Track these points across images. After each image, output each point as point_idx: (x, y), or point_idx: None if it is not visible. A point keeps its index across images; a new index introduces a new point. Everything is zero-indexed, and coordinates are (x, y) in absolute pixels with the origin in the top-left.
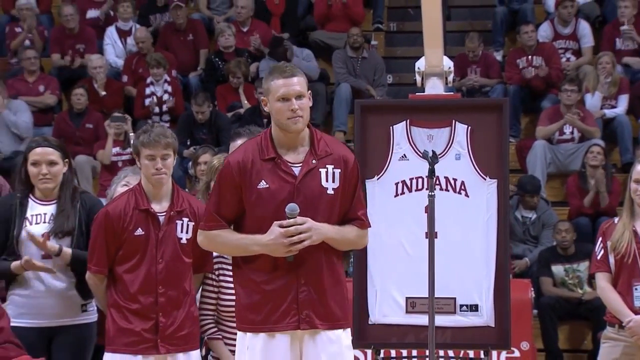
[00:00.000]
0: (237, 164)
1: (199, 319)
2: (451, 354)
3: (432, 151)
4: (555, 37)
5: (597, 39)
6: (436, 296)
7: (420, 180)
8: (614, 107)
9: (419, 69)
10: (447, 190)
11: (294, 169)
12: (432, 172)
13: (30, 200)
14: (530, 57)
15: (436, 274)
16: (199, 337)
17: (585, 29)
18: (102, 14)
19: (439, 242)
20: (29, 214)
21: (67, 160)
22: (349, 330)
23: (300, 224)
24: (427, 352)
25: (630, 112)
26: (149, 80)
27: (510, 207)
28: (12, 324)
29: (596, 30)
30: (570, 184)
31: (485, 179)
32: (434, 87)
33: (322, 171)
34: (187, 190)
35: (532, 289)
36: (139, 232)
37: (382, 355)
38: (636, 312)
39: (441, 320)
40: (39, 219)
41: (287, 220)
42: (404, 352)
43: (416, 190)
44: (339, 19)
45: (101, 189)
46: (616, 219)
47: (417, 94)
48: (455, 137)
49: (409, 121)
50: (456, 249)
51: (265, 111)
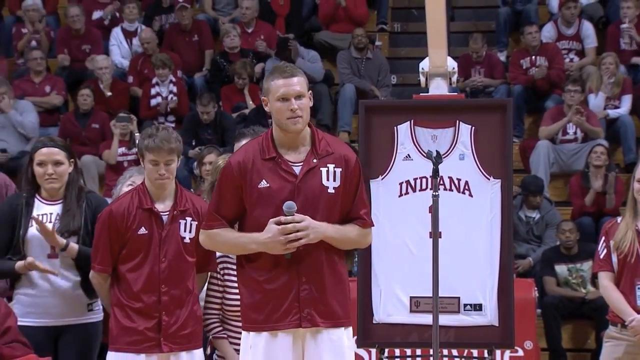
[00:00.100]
0: (238, 164)
1: (204, 318)
2: (455, 353)
3: (436, 151)
4: (558, 37)
5: (601, 39)
6: (440, 295)
7: (424, 180)
8: (617, 107)
9: (423, 69)
10: (451, 190)
11: (294, 168)
12: (436, 172)
13: (36, 200)
14: (533, 57)
15: (440, 274)
16: (202, 336)
17: (588, 29)
18: (105, 15)
19: (443, 241)
20: (35, 214)
21: (72, 160)
22: (350, 329)
23: (298, 222)
24: (431, 351)
25: (633, 112)
26: (154, 80)
27: (514, 207)
28: (18, 323)
29: (599, 31)
30: (573, 184)
31: (489, 179)
32: (438, 88)
33: (323, 170)
34: (192, 190)
35: (536, 289)
36: (143, 231)
37: (386, 354)
38: (639, 312)
39: (445, 319)
40: (44, 219)
41: (285, 217)
42: (408, 352)
43: (420, 190)
44: (344, 20)
45: (107, 188)
46: (619, 219)
47: (421, 94)
48: (459, 137)
49: (413, 121)
50: (460, 248)
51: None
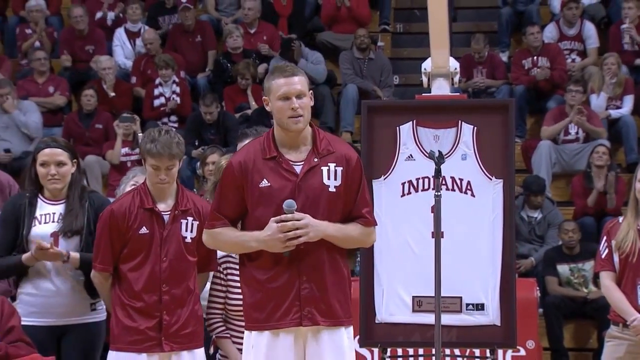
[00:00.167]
0: (239, 164)
1: (208, 318)
2: (457, 352)
3: (439, 151)
4: (560, 38)
5: (602, 40)
6: (442, 295)
7: (426, 180)
8: (619, 107)
9: (425, 69)
10: (453, 190)
11: (295, 167)
12: (438, 172)
13: (39, 200)
14: (535, 58)
15: (442, 273)
16: (204, 335)
17: (590, 30)
18: (104, 14)
19: (445, 241)
20: (38, 214)
21: (75, 160)
22: (351, 328)
23: (297, 220)
24: (433, 351)
25: (635, 112)
26: (157, 81)
27: (516, 207)
28: (22, 323)
29: (601, 31)
30: (575, 184)
31: (491, 179)
32: (440, 88)
33: (324, 169)
34: (195, 190)
35: (538, 288)
36: (144, 230)
37: (388, 354)
38: None
39: (447, 319)
40: (47, 219)
41: (285, 215)
42: (411, 351)
43: (422, 190)
44: (346, 21)
45: (110, 189)
46: (620, 218)
47: (423, 94)
48: (461, 137)
49: (415, 122)
50: (462, 248)
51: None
